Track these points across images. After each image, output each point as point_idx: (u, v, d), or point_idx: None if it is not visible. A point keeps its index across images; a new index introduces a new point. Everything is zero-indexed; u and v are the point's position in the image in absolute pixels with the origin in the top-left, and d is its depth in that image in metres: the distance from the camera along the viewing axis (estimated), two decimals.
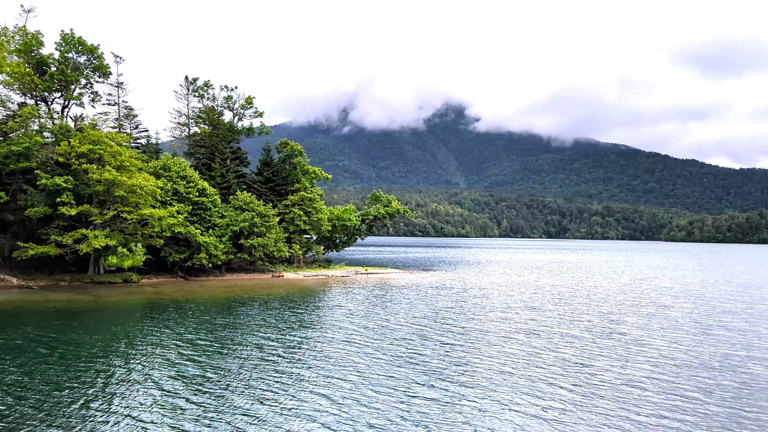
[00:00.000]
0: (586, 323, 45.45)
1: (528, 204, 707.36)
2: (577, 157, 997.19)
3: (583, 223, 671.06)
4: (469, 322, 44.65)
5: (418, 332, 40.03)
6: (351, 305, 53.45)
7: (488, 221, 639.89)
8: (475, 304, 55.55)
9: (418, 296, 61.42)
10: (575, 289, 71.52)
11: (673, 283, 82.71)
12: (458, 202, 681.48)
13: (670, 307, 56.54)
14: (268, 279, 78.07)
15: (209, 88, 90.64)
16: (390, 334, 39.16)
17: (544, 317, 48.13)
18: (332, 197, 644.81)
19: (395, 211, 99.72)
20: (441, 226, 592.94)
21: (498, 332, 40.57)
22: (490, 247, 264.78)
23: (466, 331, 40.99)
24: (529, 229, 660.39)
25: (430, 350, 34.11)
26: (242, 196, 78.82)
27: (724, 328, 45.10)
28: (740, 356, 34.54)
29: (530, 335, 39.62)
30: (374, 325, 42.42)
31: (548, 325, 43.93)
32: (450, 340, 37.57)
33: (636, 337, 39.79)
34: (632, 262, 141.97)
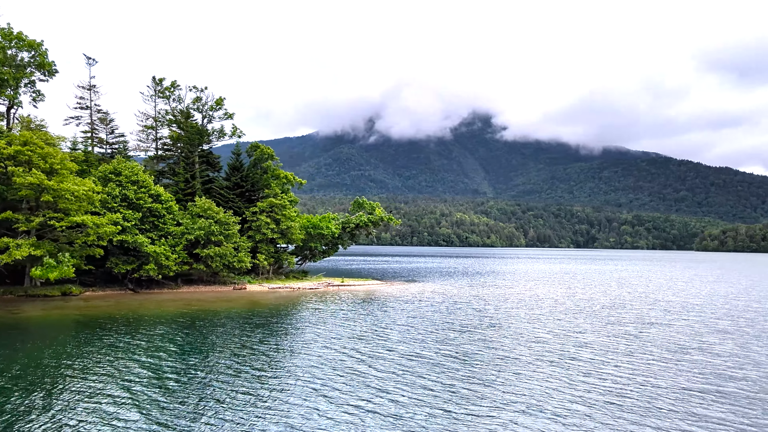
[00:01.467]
0: (585, 343, 38.82)
1: (555, 213, 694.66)
2: (607, 166, 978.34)
3: (612, 232, 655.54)
4: (433, 346, 38.36)
5: (367, 364, 33.84)
6: (301, 325, 47.44)
7: (514, 231, 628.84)
8: (450, 320, 49.13)
9: (385, 311, 55.20)
10: (570, 303, 64.44)
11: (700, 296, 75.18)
12: (484, 212, 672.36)
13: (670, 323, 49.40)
14: (227, 292, 72.47)
15: (176, 88, 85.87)
16: (326, 367, 33.03)
17: (526, 339, 41.58)
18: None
19: (378, 218, 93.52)
20: (466, 236, 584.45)
21: (466, 357, 34.25)
22: (506, 257, 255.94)
23: (428, 360, 34.69)
24: (557, 239, 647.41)
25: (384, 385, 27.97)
26: (200, 202, 73.57)
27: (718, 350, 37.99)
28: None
29: (513, 360, 33.24)
30: (311, 355, 36.36)
31: (534, 351, 37.41)
32: (410, 378, 31.34)
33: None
34: (661, 273, 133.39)
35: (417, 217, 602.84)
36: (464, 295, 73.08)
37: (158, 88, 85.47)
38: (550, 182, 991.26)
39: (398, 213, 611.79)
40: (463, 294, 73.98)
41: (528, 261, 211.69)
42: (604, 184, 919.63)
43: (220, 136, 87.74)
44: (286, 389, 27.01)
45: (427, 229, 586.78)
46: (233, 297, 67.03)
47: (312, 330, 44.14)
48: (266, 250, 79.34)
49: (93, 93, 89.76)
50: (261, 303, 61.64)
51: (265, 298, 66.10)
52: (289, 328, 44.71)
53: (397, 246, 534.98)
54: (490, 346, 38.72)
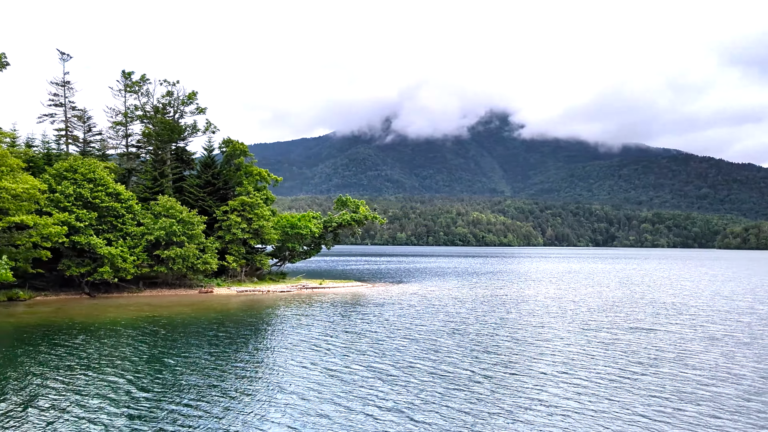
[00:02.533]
0: (547, 352, 34.15)
1: (574, 211, 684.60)
2: (626, 163, 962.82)
3: (631, 230, 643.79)
4: (394, 356, 33.88)
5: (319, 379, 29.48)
6: (254, 333, 43.16)
7: (532, 230, 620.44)
8: (418, 324, 44.55)
9: (354, 316, 50.76)
10: (554, 304, 59.38)
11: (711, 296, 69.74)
12: (501, 211, 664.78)
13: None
14: (191, 296, 68.46)
15: (145, 82, 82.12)
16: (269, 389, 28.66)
17: (496, 344, 36.91)
18: (372, 207, 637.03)
19: (363, 217, 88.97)
20: (482, 235, 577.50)
21: (429, 371, 29.73)
22: (516, 256, 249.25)
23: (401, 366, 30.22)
24: (575, 238, 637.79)
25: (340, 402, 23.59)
26: (163, 200, 69.62)
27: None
28: None
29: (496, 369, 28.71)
30: (261, 369, 32.07)
31: (501, 359, 32.81)
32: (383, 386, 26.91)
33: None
34: (669, 272, 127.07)
35: (433, 216, 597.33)
36: (444, 296, 68.40)
37: (127, 83, 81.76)
38: (569, 180, 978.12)
39: (414, 213, 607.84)
40: (444, 296, 69.29)
41: (533, 260, 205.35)
42: (623, 181, 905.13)
43: (193, 132, 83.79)
44: (230, 407, 22.87)
45: (443, 229, 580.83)
46: (195, 301, 62.97)
47: (267, 338, 40.00)
48: (237, 251, 75.22)
49: (67, 90, 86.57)
50: (220, 308, 57.48)
51: (227, 303, 61.93)
52: (239, 337, 40.45)
53: (412, 246, 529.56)
54: (456, 356, 34.10)
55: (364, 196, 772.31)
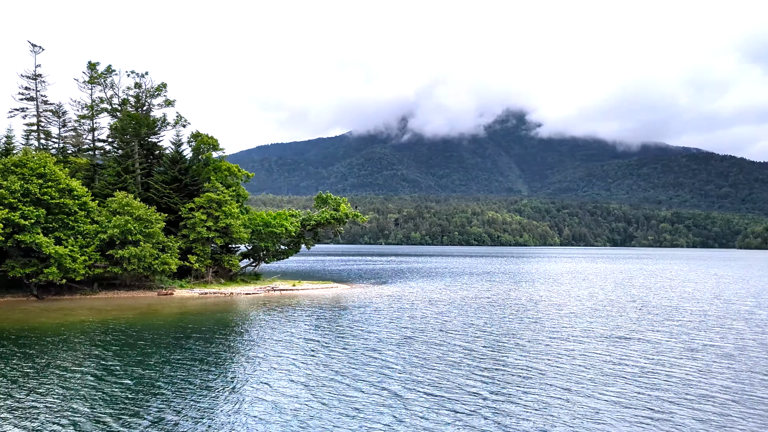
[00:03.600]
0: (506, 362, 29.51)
1: (591, 211, 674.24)
2: (645, 162, 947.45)
3: (650, 230, 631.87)
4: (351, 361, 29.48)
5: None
6: (196, 342, 38.97)
7: (548, 229, 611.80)
8: (387, 329, 40.05)
9: (317, 320, 46.36)
10: (537, 307, 54.41)
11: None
12: (518, 210, 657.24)
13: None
14: (148, 298, 64.46)
15: (112, 74, 78.38)
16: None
17: (470, 349, 32.35)
18: (387, 206, 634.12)
19: (343, 215, 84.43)
20: (497, 235, 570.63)
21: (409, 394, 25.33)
22: (525, 256, 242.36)
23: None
24: (593, 237, 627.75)
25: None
26: (119, 196, 65.68)
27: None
28: None
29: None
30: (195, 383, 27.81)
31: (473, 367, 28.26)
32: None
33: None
34: (676, 272, 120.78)
35: (447, 216, 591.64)
36: (420, 298, 63.74)
37: (92, 74, 78.11)
38: (587, 180, 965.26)
39: (428, 212, 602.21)
40: (420, 297, 64.63)
41: (540, 259, 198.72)
42: (642, 181, 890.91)
43: (162, 126, 79.90)
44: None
45: (457, 229, 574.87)
46: (147, 305, 58.92)
47: (203, 349, 35.65)
48: (201, 251, 71.09)
49: (39, 83, 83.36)
50: (169, 313, 53.37)
51: (182, 307, 57.81)
52: (173, 347, 36.22)
53: (426, 246, 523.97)
54: (420, 366, 29.53)
55: (379, 195, 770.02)
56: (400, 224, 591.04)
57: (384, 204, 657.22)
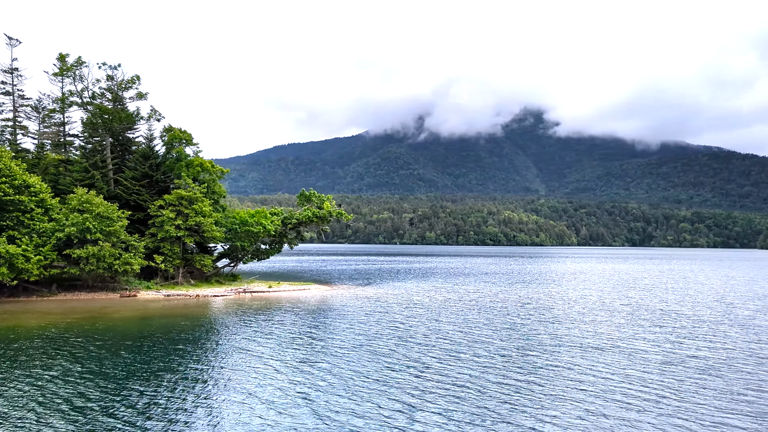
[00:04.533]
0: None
1: (609, 210, 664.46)
2: (665, 161, 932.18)
3: (670, 230, 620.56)
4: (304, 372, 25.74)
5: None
6: (138, 352, 35.41)
7: (565, 229, 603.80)
8: (352, 332, 36.19)
9: (284, 323, 42.62)
10: (521, 309, 50.10)
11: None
12: (534, 210, 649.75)
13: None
14: (109, 300, 61.08)
15: (83, 66, 75.23)
16: None
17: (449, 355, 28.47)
18: (402, 206, 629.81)
19: (327, 213, 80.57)
20: (513, 235, 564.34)
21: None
22: (536, 256, 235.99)
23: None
24: (611, 237, 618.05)
25: None
26: (79, 192, 62.35)
27: None
28: None
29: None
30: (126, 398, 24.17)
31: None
32: None
33: None
34: (684, 272, 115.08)
35: (463, 215, 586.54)
36: (400, 300, 59.61)
37: (62, 66, 75.02)
38: (605, 179, 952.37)
39: (443, 212, 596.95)
40: (400, 300, 60.47)
41: (550, 259, 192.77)
42: (662, 180, 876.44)
43: (136, 120, 76.60)
44: None
45: (473, 228, 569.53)
46: (102, 307, 55.50)
47: (149, 358, 32.14)
48: (170, 251, 67.61)
49: (16, 77, 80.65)
50: (121, 317, 49.91)
51: (141, 310, 54.35)
52: (108, 355, 32.68)
53: (440, 246, 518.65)
54: (366, 377, 25.66)
55: (395, 195, 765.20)
56: (415, 224, 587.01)
57: (399, 203, 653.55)
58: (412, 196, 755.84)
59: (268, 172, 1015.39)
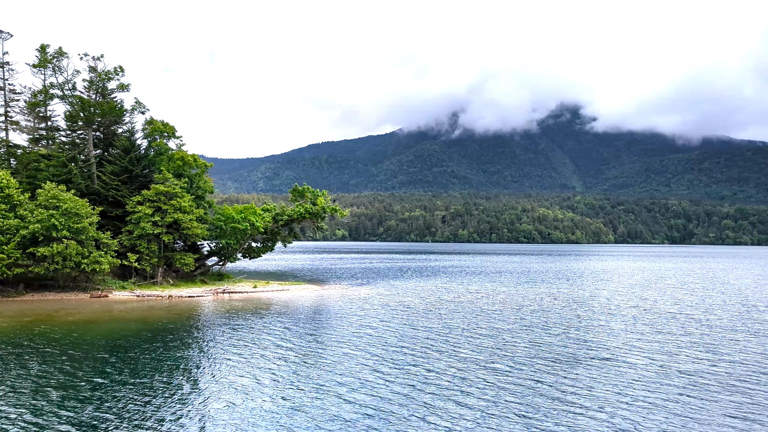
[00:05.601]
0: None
1: (648, 207, 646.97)
2: (707, 156, 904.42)
3: (711, 227, 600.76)
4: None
5: None
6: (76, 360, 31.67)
7: (602, 226, 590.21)
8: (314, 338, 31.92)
9: (251, 328, 38.45)
10: (506, 311, 44.93)
11: None
12: (570, 207, 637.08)
13: None
14: (77, 301, 57.69)
15: (64, 57, 72.17)
16: None
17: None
18: (435, 203, 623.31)
19: (320, 209, 76.12)
20: (548, 232, 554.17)
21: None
22: (568, 254, 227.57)
23: None
24: (650, 235, 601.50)
25: None
26: (47, 188, 59.07)
27: None
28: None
29: None
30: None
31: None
32: None
33: None
34: (711, 271, 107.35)
35: (496, 213, 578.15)
36: (388, 302, 54.74)
37: (42, 58, 72.08)
38: (645, 175, 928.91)
39: (477, 209, 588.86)
40: (390, 300, 55.59)
41: (577, 257, 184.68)
42: (704, 175, 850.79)
43: (119, 112, 73.29)
44: None
45: (506, 226, 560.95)
46: (61, 309, 52.05)
47: (84, 367, 28.26)
48: (146, 248, 63.96)
49: (6, 71, 78.29)
50: (72, 320, 46.34)
51: (100, 312, 50.81)
52: (45, 363, 28.93)
53: (474, 243, 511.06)
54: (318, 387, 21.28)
55: (428, 192, 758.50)
56: (447, 221, 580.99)
57: (431, 201, 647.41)
58: (445, 193, 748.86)
59: (302, 170, 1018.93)
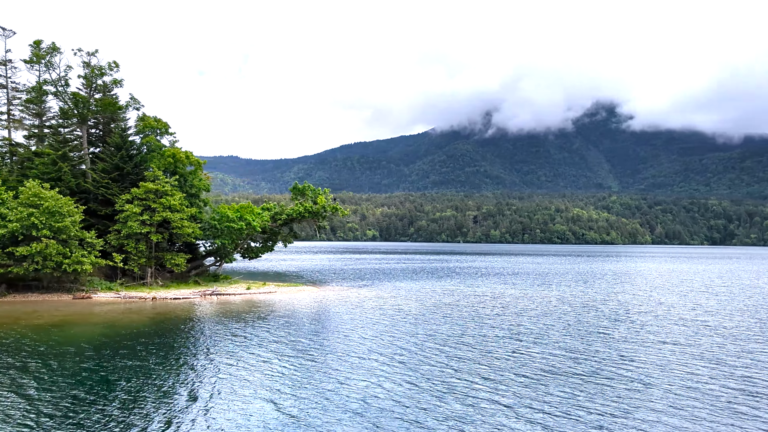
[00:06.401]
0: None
1: (687, 207, 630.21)
2: (749, 155, 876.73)
3: (753, 227, 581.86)
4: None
5: None
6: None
7: (639, 227, 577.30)
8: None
9: (229, 333, 35.75)
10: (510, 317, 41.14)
11: None
12: (605, 207, 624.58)
13: None
14: (58, 303, 55.67)
15: (57, 52, 70.45)
16: None
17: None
18: (467, 203, 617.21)
19: (321, 208, 73.04)
20: (582, 233, 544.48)
21: None
22: (595, 255, 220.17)
23: None
24: (688, 235, 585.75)
25: None
26: (29, 185, 57.13)
27: None
28: None
29: None
30: None
31: None
32: None
33: None
34: (738, 272, 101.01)
35: (529, 213, 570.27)
36: (380, 305, 51.31)
37: (35, 53, 70.50)
38: (684, 174, 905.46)
39: (509, 209, 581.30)
40: (385, 303, 52.14)
41: (604, 259, 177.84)
42: (746, 175, 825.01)
43: (116, 108, 71.30)
44: None
45: (539, 226, 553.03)
46: (36, 311, 49.97)
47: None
48: (134, 248, 61.68)
49: (9, 69, 77.19)
50: (35, 325, 44.21)
51: (76, 314, 48.62)
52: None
53: (506, 244, 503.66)
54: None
55: (460, 192, 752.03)
56: (479, 221, 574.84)
57: (463, 201, 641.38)
58: (477, 193, 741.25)
59: (334, 170, 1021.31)
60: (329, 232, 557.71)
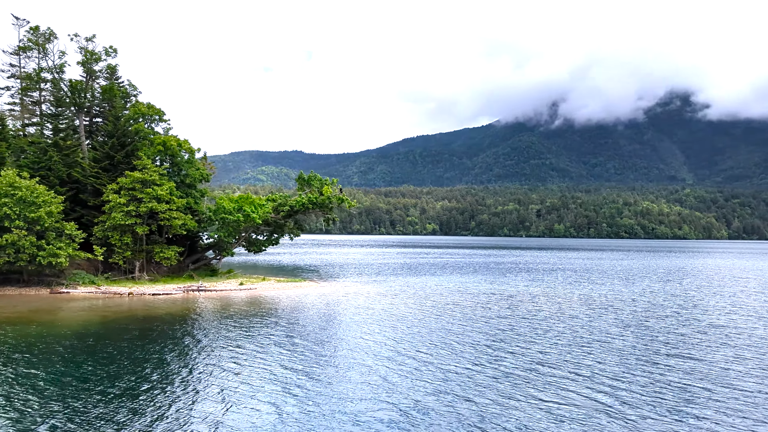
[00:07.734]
0: None
1: (767, 200, 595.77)
2: None
3: None
4: None
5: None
6: None
7: (714, 221, 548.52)
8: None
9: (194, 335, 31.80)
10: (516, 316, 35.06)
11: None
12: (678, 200, 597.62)
13: None
14: (32, 298, 52.89)
15: (54, 38, 67.92)
16: None
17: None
18: (530, 197, 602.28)
19: (326, 199, 67.95)
20: (652, 227, 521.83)
21: None
22: (653, 250, 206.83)
23: None
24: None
25: None
26: (5, 174, 54.33)
27: None
28: None
29: None
30: None
31: None
32: None
33: None
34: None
35: (595, 207, 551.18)
36: (373, 301, 45.92)
37: (30, 39, 68.20)
38: (764, 166, 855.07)
39: (574, 203, 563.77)
40: (381, 301, 46.74)
41: (657, 254, 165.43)
42: None
43: (110, 97, 68.25)
44: None
45: (606, 220, 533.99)
46: (1, 306, 46.99)
47: None
48: (119, 240, 58.27)
49: (23, 59, 75.77)
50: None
51: (38, 311, 45.51)
52: None
53: (571, 238, 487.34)
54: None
55: (524, 186, 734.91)
56: (543, 215, 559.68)
57: (527, 194, 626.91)
58: (542, 186, 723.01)
59: (395, 164, 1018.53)
60: (388, 225, 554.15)
